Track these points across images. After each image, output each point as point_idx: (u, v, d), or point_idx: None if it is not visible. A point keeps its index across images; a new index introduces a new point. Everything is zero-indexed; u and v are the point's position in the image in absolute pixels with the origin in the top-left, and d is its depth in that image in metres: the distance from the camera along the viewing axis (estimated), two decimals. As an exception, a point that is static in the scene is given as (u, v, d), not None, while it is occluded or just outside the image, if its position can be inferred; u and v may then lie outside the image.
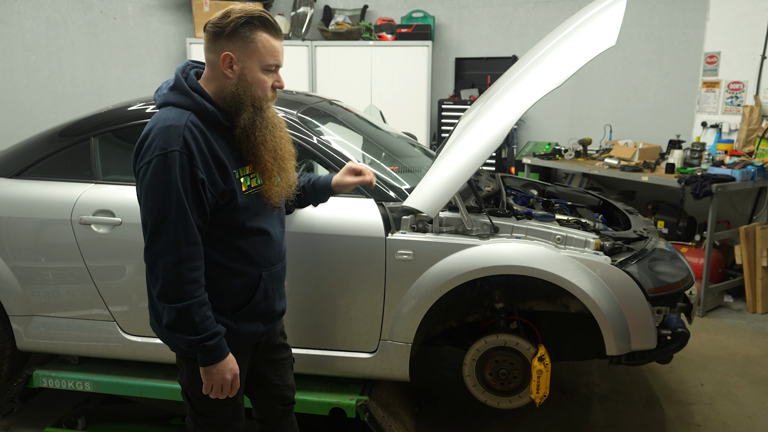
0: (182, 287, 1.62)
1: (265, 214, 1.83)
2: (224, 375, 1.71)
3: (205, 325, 1.65)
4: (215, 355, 1.69)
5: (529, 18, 6.14)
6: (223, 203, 1.71)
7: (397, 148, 3.28)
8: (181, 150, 1.60)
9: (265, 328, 1.92)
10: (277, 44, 1.72)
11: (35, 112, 5.96)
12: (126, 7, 6.21)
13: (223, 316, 1.79)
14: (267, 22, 1.69)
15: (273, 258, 1.87)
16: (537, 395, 2.53)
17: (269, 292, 1.87)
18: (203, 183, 1.63)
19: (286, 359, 2.13)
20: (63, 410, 2.94)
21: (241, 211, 1.74)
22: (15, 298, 2.75)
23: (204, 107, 1.69)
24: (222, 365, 1.70)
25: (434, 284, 2.45)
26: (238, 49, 1.68)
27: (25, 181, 2.78)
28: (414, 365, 2.60)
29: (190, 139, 1.62)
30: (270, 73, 1.72)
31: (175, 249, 1.61)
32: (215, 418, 1.89)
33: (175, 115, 1.66)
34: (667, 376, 3.48)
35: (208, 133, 1.68)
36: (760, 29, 4.82)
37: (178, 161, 1.60)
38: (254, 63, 1.69)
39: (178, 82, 1.73)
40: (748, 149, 4.79)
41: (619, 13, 2.26)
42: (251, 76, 1.70)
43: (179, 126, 1.63)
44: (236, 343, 1.82)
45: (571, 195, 3.47)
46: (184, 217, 1.61)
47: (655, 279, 2.47)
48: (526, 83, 2.35)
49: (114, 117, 2.79)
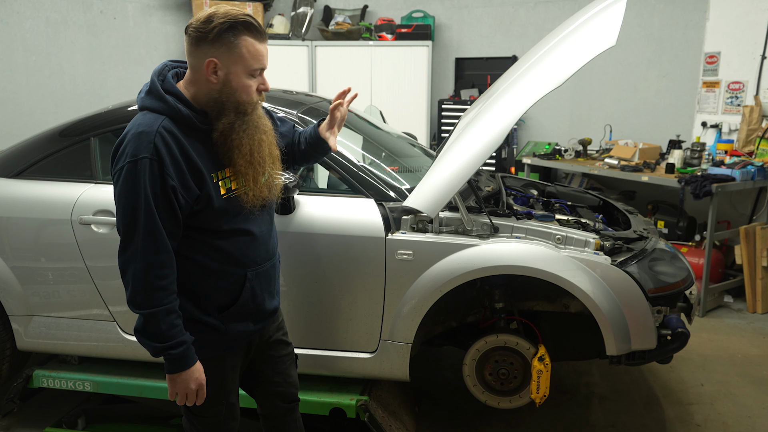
0: (150, 294, 1.62)
1: (248, 214, 1.80)
2: (188, 384, 1.71)
3: (171, 333, 1.65)
4: (180, 363, 1.68)
5: (529, 18, 6.14)
6: (198, 208, 1.69)
7: (397, 148, 3.28)
8: (152, 157, 1.59)
9: (256, 326, 1.91)
10: (262, 47, 1.68)
11: (35, 112, 5.96)
12: (126, 7, 6.21)
13: (210, 316, 1.78)
14: (251, 26, 1.65)
15: (259, 257, 1.85)
16: (537, 395, 2.53)
17: (257, 292, 1.86)
18: (174, 190, 1.61)
19: (287, 356, 2.11)
20: (63, 410, 2.94)
21: (219, 215, 1.72)
22: (15, 298, 2.75)
23: (178, 111, 1.66)
24: (186, 374, 1.70)
25: (434, 284, 2.45)
26: (222, 55, 1.64)
27: (25, 181, 2.78)
28: (414, 365, 2.60)
29: (161, 145, 1.60)
30: (254, 77, 1.70)
31: (143, 256, 1.60)
32: (208, 417, 1.89)
33: (148, 121, 1.64)
34: (667, 376, 3.48)
35: (184, 137, 1.65)
36: (760, 29, 4.82)
37: (148, 168, 1.58)
38: (239, 68, 1.66)
39: (152, 86, 1.69)
40: (748, 149, 4.79)
41: (619, 13, 2.25)
42: (236, 82, 1.67)
43: (150, 132, 1.61)
44: (225, 343, 1.83)
45: (571, 195, 3.47)
46: (153, 224, 1.60)
47: (655, 279, 2.47)
48: (526, 83, 2.35)
49: (114, 117, 2.79)
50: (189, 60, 1.69)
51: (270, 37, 6.17)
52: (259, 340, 2.01)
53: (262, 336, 2.02)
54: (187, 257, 1.72)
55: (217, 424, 1.91)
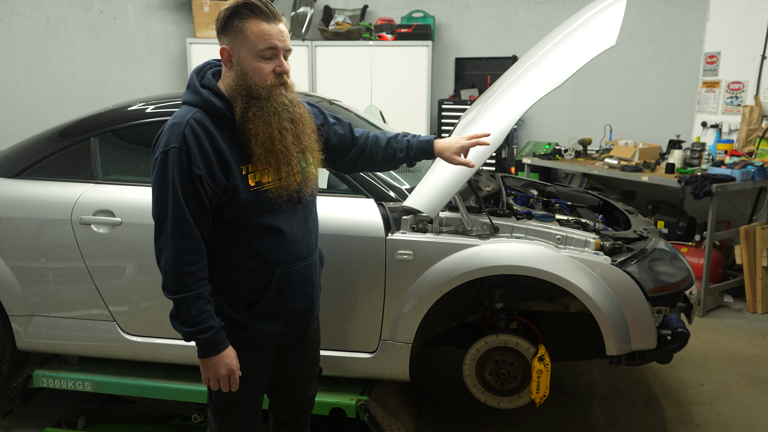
0: (180, 280, 1.66)
1: (279, 210, 1.77)
2: (218, 369, 1.72)
3: (200, 318, 1.67)
4: (210, 348, 1.70)
5: (529, 18, 6.14)
6: (226, 199, 1.70)
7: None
8: (180, 147, 1.64)
9: (286, 329, 1.88)
10: (269, 27, 1.65)
11: (35, 112, 5.96)
12: (126, 7, 6.21)
13: (237, 313, 1.79)
14: (254, 6, 1.64)
15: (289, 256, 1.81)
16: (537, 395, 2.53)
17: (285, 291, 1.82)
18: (200, 178, 1.64)
19: (312, 368, 2.08)
20: (63, 410, 2.94)
21: (246, 207, 1.72)
22: (15, 298, 2.75)
23: (211, 103, 1.70)
24: (216, 359, 1.71)
25: (434, 284, 2.45)
26: (231, 41, 1.67)
27: (25, 181, 2.78)
28: (414, 365, 2.60)
29: (189, 135, 1.64)
30: (267, 59, 1.68)
31: (172, 242, 1.65)
32: (230, 414, 1.90)
33: (182, 113, 1.70)
34: (667, 376, 3.48)
35: (215, 129, 1.69)
36: (760, 29, 4.82)
37: (176, 158, 1.63)
38: (246, 52, 1.66)
39: (190, 81, 1.76)
40: (748, 149, 4.79)
41: (619, 13, 2.25)
42: (246, 65, 1.67)
43: (181, 124, 1.66)
44: (251, 342, 1.82)
45: (571, 195, 3.47)
46: (180, 212, 1.64)
47: (655, 279, 2.47)
48: (526, 83, 2.35)
49: (114, 117, 2.79)
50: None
51: (270, 37, 6.17)
52: (291, 343, 1.97)
53: (298, 341, 1.98)
54: (215, 251, 1.75)
55: (237, 423, 1.91)
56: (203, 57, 6.09)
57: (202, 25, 6.14)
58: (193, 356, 2.66)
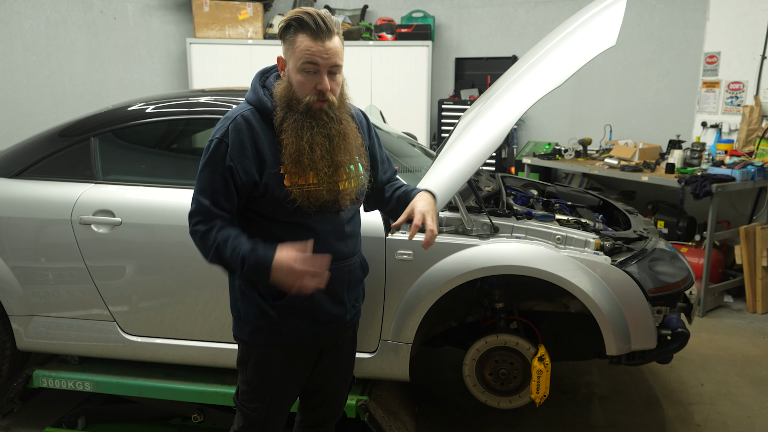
0: (203, 239, 1.74)
1: (316, 213, 1.79)
2: (287, 267, 1.66)
3: (234, 254, 1.70)
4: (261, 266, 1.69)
5: (529, 18, 6.14)
6: (257, 195, 1.76)
7: (397, 148, 3.27)
8: (222, 139, 1.74)
9: (314, 329, 1.88)
10: (313, 44, 1.69)
11: (35, 112, 5.96)
12: (126, 7, 6.21)
13: (265, 302, 1.82)
14: (304, 22, 1.69)
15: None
16: (537, 395, 2.53)
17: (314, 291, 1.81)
18: (231, 170, 1.72)
19: (345, 375, 2.08)
20: (63, 410, 2.94)
21: (277, 205, 1.76)
22: (15, 298, 2.75)
23: (264, 104, 1.78)
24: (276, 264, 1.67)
25: (434, 284, 2.45)
26: (284, 52, 1.76)
27: (25, 181, 2.77)
28: (414, 365, 2.60)
29: (232, 130, 1.74)
30: (309, 74, 1.71)
31: (194, 216, 1.75)
32: (250, 411, 1.90)
33: (236, 109, 1.80)
34: (667, 376, 3.48)
35: (261, 127, 1.76)
36: (760, 29, 4.82)
37: (216, 147, 1.74)
38: (291, 64, 1.74)
39: (252, 81, 1.85)
40: (748, 149, 4.79)
41: (619, 13, 2.26)
42: (292, 77, 1.74)
43: (230, 118, 1.77)
44: (277, 335, 1.84)
45: (571, 195, 3.47)
46: (207, 193, 1.74)
47: (655, 279, 2.47)
48: (526, 83, 2.35)
49: (114, 117, 2.79)
50: None
51: (270, 37, 6.18)
52: (325, 348, 1.96)
53: (332, 346, 1.98)
54: None
55: (257, 421, 1.91)
56: (203, 57, 6.12)
57: (202, 25, 6.14)
58: (192, 356, 2.69)
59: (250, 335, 1.85)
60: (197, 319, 2.64)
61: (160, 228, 2.60)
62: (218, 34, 6.16)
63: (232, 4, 6.13)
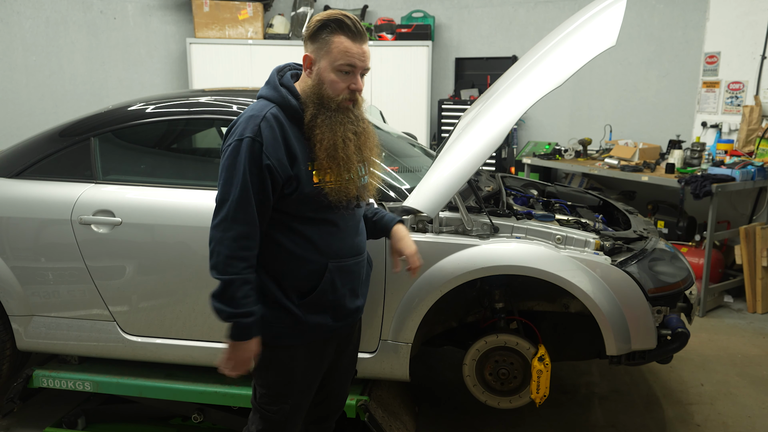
0: (231, 262, 1.71)
1: (339, 208, 1.86)
2: (245, 353, 1.77)
3: (244, 302, 1.73)
4: (246, 332, 1.75)
5: (529, 18, 6.14)
6: (288, 191, 1.77)
7: (397, 148, 3.27)
8: (254, 137, 1.72)
9: (335, 323, 1.92)
10: (353, 45, 1.76)
11: (35, 112, 5.96)
12: (126, 7, 6.21)
13: (290, 301, 1.83)
14: (343, 24, 1.75)
15: (342, 251, 1.89)
16: (537, 395, 2.53)
17: (337, 285, 1.88)
18: (269, 168, 1.73)
19: (350, 369, 2.14)
20: (63, 410, 2.94)
21: (306, 202, 1.80)
22: (15, 298, 2.75)
23: (288, 101, 1.80)
24: (248, 344, 1.77)
25: (434, 284, 2.45)
26: (315, 51, 1.79)
27: (25, 181, 2.77)
28: (414, 365, 2.60)
29: (265, 128, 1.74)
30: (344, 74, 1.78)
31: (231, 225, 1.71)
32: (272, 414, 1.91)
33: (259, 106, 1.80)
34: (667, 376, 3.48)
35: (288, 125, 1.79)
36: (760, 29, 4.82)
37: (249, 147, 1.71)
38: (326, 63, 1.77)
39: (270, 79, 1.86)
40: (748, 149, 4.79)
41: (619, 13, 2.25)
42: (324, 76, 1.78)
43: (259, 116, 1.75)
44: (301, 333, 1.86)
45: (571, 195, 3.47)
46: (245, 198, 1.71)
47: (655, 279, 2.47)
48: (526, 83, 2.35)
49: (114, 117, 2.79)
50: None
51: (270, 37, 6.18)
52: (340, 342, 2.01)
53: (346, 341, 2.03)
54: (273, 240, 1.82)
55: (279, 423, 1.93)
56: (203, 57, 6.13)
57: (202, 25, 6.14)
58: (192, 356, 2.68)
59: (274, 338, 1.85)
60: (197, 319, 2.64)
61: (160, 228, 2.60)
62: (218, 34, 6.16)
63: (232, 4, 6.13)
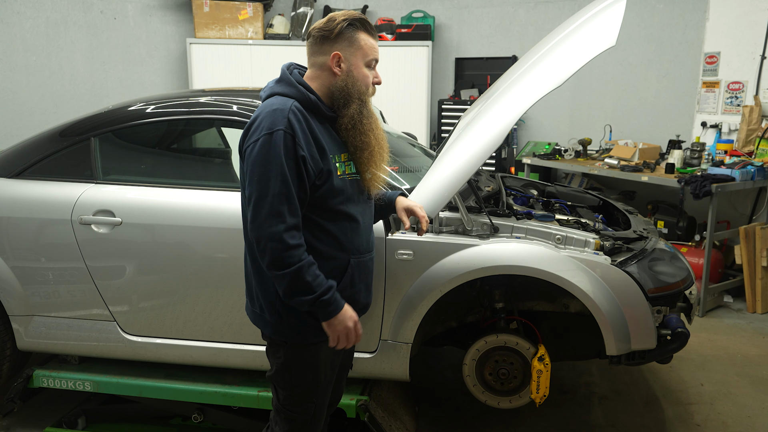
0: (289, 253, 1.70)
1: (358, 201, 1.91)
2: (346, 324, 1.79)
3: (317, 282, 1.73)
4: (333, 307, 1.76)
5: (529, 18, 6.15)
6: (319, 183, 1.78)
7: (397, 148, 3.28)
8: (286, 129, 1.71)
9: None
10: (374, 42, 1.88)
11: (35, 112, 5.96)
12: (126, 7, 6.21)
13: None
14: (365, 23, 1.85)
15: (362, 247, 1.92)
16: (537, 395, 2.53)
17: (355, 280, 1.91)
18: (304, 159, 1.73)
19: (348, 363, 2.17)
20: (63, 410, 2.94)
21: (335, 194, 1.82)
22: (15, 298, 2.75)
23: (307, 96, 1.82)
24: (342, 315, 1.78)
25: (434, 284, 2.45)
26: (344, 49, 1.83)
27: (25, 181, 2.78)
28: (414, 365, 2.60)
29: (294, 120, 1.74)
30: (370, 68, 1.88)
31: (279, 218, 1.69)
32: (297, 414, 1.92)
33: (280, 101, 1.79)
34: (667, 376, 3.48)
35: (311, 119, 1.81)
36: (760, 29, 4.82)
37: (282, 139, 1.70)
38: (359, 60, 1.84)
39: (284, 75, 1.88)
40: (747, 149, 4.79)
41: (619, 13, 2.26)
42: (357, 72, 1.84)
43: (284, 109, 1.75)
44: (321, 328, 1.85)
45: (571, 195, 3.47)
46: (287, 189, 1.70)
47: (655, 279, 2.47)
48: (526, 83, 2.35)
49: (114, 117, 2.79)
50: (312, 59, 1.88)
51: (270, 37, 6.18)
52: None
53: None
54: None
55: (305, 424, 1.93)
56: (203, 57, 6.13)
57: (202, 25, 6.14)
58: (192, 356, 2.69)
59: (298, 334, 1.85)
60: (197, 319, 2.65)
61: (160, 228, 2.60)
62: (218, 34, 6.16)
63: (232, 4, 6.13)
